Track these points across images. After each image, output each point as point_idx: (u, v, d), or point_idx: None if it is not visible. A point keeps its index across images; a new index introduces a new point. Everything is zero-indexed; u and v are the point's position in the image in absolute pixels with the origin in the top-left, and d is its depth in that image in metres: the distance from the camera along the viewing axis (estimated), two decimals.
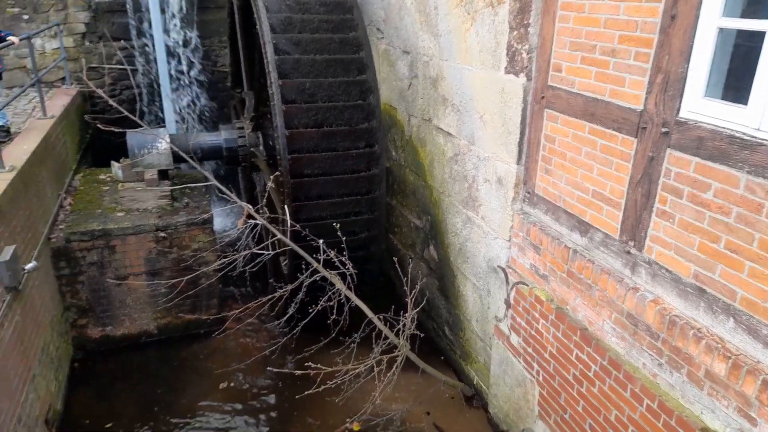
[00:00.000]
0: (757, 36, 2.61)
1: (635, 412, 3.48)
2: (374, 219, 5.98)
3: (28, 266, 4.60)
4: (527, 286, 4.50)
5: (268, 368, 5.24)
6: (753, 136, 2.66)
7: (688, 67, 2.96)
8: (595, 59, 3.58)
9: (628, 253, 3.50)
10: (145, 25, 9.26)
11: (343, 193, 5.77)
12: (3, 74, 6.73)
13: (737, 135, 2.72)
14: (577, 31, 3.71)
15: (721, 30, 2.81)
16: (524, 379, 4.71)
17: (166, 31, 9.29)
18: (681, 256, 3.12)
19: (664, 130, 3.13)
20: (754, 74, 2.63)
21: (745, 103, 2.69)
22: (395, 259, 5.23)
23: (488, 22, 4.62)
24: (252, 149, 7.04)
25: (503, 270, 4.83)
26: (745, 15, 2.76)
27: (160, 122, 9.60)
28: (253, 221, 5.43)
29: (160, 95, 9.58)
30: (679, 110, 3.05)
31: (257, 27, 5.64)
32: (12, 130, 6.50)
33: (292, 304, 5.28)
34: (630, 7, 3.28)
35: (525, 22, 4.17)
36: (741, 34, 2.80)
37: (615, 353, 3.64)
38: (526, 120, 4.38)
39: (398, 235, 7.40)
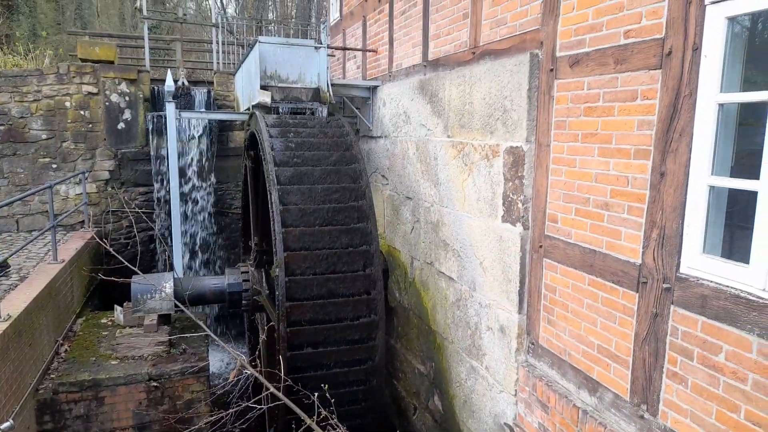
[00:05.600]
0: (751, 195, 2.57)
1: None
2: (372, 368, 5.70)
3: (4, 426, 4.32)
4: None
5: None
6: (760, 297, 2.51)
7: (683, 223, 2.90)
8: (589, 212, 3.56)
9: (642, 417, 3.19)
10: (165, 171, 9.74)
11: (339, 339, 5.60)
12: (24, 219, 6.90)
13: (742, 295, 2.58)
14: (570, 184, 3.74)
15: (713, 188, 2.78)
16: None
17: (184, 177, 9.74)
18: (699, 425, 2.82)
19: (665, 285, 3.00)
20: (752, 232, 2.56)
21: (747, 262, 2.58)
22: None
23: (484, 173, 4.74)
24: (255, 297, 6.97)
25: (510, 428, 4.44)
26: (734, 174, 2.74)
27: (171, 265, 9.69)
28: (247, 372, 5.18)
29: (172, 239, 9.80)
30: (678, 266, 2.94)
31: (265, 177, 5.86)
32: (17, 275, 6.54)
33: None
34: (619, 163, 3.31)
35: (519, 174, 4.25)
36: (734, 191, 2.74)
37: None
38: (525, 268, 4.29)
39: (402, 382, 7.00)
